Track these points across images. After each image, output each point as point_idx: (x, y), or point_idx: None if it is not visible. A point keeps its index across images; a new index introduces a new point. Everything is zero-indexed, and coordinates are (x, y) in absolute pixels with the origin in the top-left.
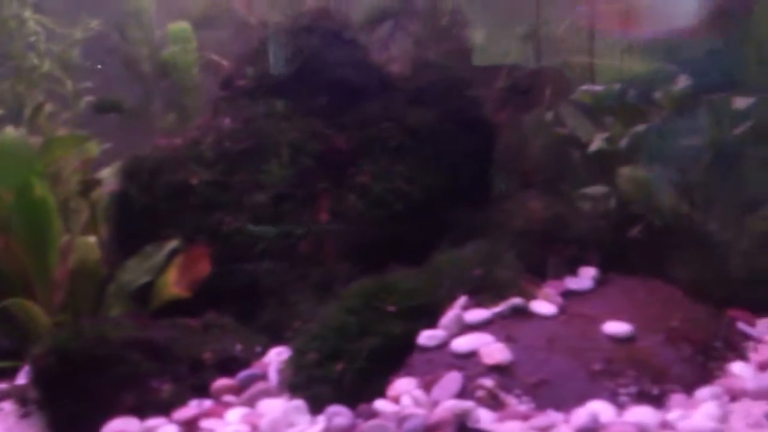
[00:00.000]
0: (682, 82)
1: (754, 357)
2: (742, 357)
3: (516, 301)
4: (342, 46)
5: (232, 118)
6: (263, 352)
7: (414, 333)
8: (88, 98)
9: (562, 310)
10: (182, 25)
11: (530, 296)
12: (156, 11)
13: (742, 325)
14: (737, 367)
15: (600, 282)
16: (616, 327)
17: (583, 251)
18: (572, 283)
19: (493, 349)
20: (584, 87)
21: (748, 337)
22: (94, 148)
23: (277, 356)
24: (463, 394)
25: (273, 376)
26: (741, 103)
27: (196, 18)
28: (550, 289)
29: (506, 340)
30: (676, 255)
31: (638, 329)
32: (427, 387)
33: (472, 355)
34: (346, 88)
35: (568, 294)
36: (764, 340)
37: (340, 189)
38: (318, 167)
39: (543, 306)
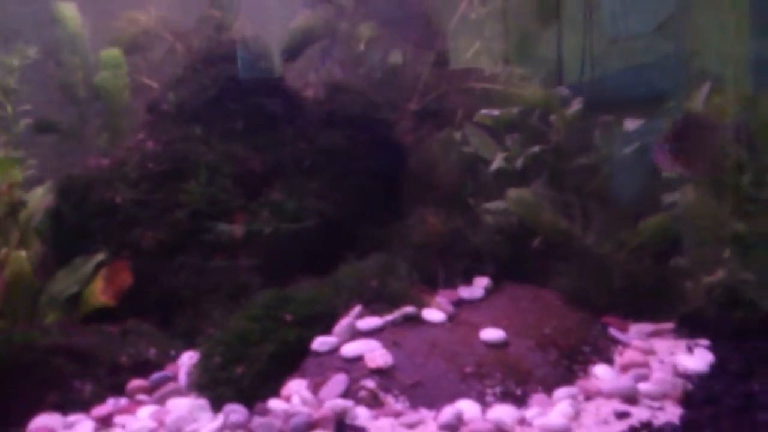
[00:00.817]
0: (575, 105)
1: (619, 360)
2: (608, 360)
3: (408, 309)
4: (258, 74)
5: (155, 141)
6: (176, 356)
7: (309, 339)
8: (27, 120)
9: (451, 317)
10: (113, 51)
11: (423, 305)
12: (91, 38)
13: (613, 331)
14: (600, 370)
15: (491, 291)
16: (491, 333)
17: (477, 263)
18: (465, 292)
19: (376, 354)
20: (484, 111)
21: (617, 341)
22: (17, 174)
23: (188, 360)
24: (347, 394)
25: (183, 378)
26: (630, 125)
27: (127, 43)
28: (442, 298)
29: (392, 346)
30: (560, 267)
31: (513, 335)
32: (315, 388)
33: (358, 360)
34: (262, 112)
35: (460, 302)
36: (631, 344)
37: (254, 206)
38: (233, 186)
39: (433, 314)
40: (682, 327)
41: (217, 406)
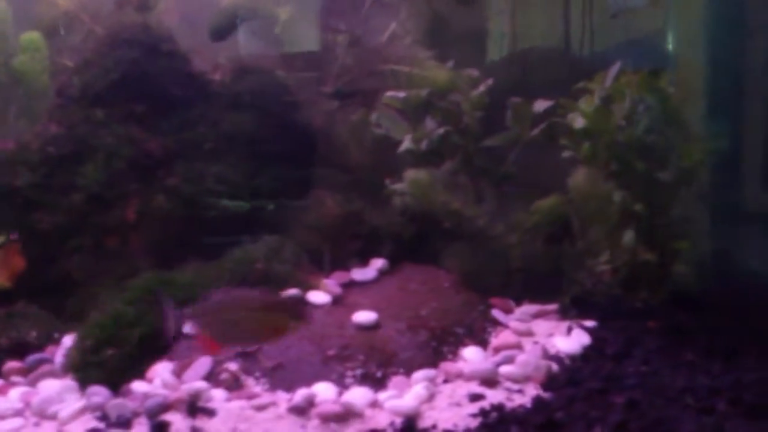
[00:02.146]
0: (483, 86)
1: (494, 341)
2: (482, 342)
3: (292, 292)
4: (161, 58)
5: (58, 125)
6: (60, 339)
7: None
8: None
9: (337, 300)
10: (32, 35)
11: (309, 287)
12: (13, 21)
13: (496, 313)
14: (469, 352)
15: (386, 273)
16: (362, 316)
17: (376, 244)
18: (358, 274)
19: None
20: (390, 93)
21: (497, 323)
22: None
23: (70, 342)
24: (210, 376)
25: (59, 360)
26: (540, 106)
27: (47, 26)
28: (332, 280)
29: None
30: (452, 248)
31: (387, 317)
32: (180, 370)
33: None
34: (165, 96)
35: (351, 284)
36: (510, 325)
37: (150, 190)
38: (130, 170)
39: (318, 296)
40: (572, 308)
41: (84, 387)
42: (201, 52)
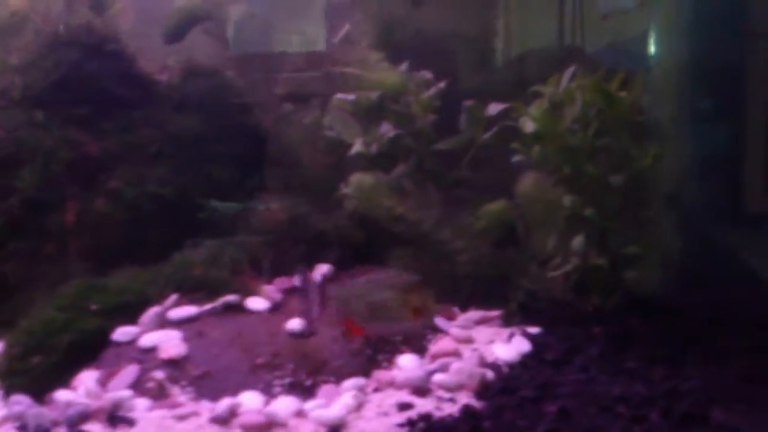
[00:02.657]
0: (434, 89)
1: (432, 349)
2: (420, 349)
3: (230, 298)
4: (104, 59)
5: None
6: None
7: (112, 329)
8: None
9: (276, 306)
10: None
11: (248, 293)
12: None
13: (438, 319)
14: (405, 360)
15: (331, 278)
16: (295, 323)
17: (321, 249)
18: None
19: (170, 345)
20: (339, 95)
21: (438, 330)
22: None
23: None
24: (137, 385)
25: None
26: (493, 109)
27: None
28: (273, 286)
29: (196, 336)
30: (398, 253)
31: (323, 324)
32: (106, 379)
33: (153, 350)
34: (108, 97)
35: (293, 290)
36: (450, 333)
37: (90, 194)
38: (68, 174)
39: (257, 302)
40: (518, 314)
41: (9, 396)
42: (149, 53)
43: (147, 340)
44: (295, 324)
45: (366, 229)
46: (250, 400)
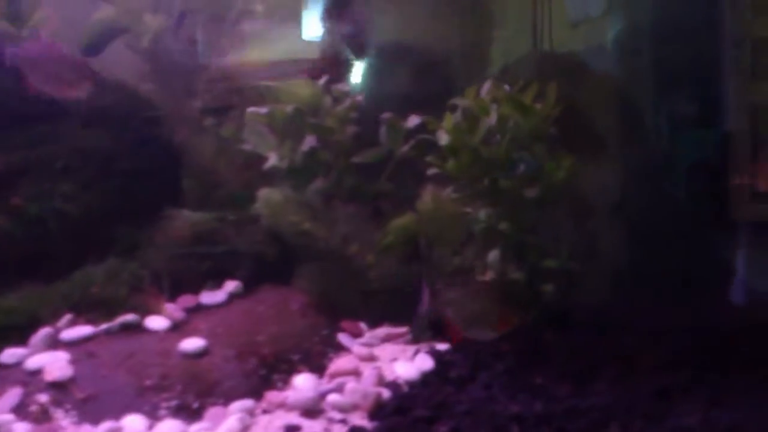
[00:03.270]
0: (348, 102)
1: (332, 367)
2: (319, 368)
3: (128, 317)
4: (6, 72)
5: None
6: None
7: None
8: None
9: (177, 325)
10: None
11: (149, 312)
12: None
13: (342, 336)
14: (300, 380)
15: (239, 296)
16: (189, 343)
17: (233, 265)
18: (207, 297)
19: (55, 367)
20: (251, 108)
21: (342, 347)
22: None
23: None
24: (19, 408)
25: None
26: (412, 122)
27: None
28: (175, 305)
29: (86, 357)
30: (304, 270)
31: (219, 344)
32: None
33: (38, 372)
34: (11, 112)
35: (198, 308)
36: (353, 350)
37: None
38: None
39: (157, 322)
40: (428, 330)
41: None
42: None
43: (34, 362)
44: (188, 344)
45: (280, 246)
46: (132, 424)
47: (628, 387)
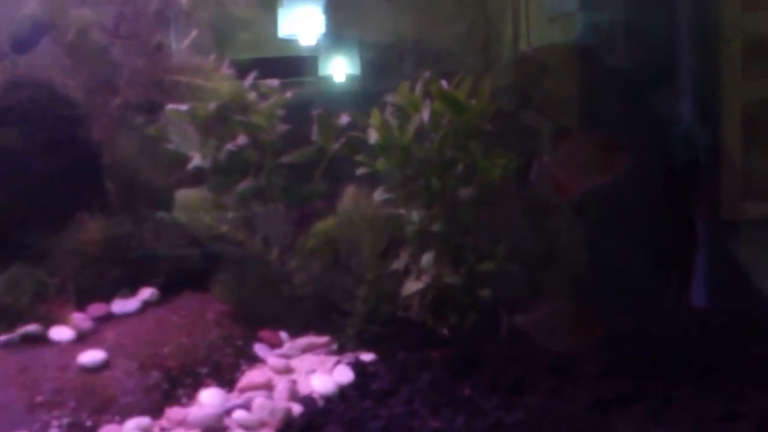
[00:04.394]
0: (274, 98)
1: (243, 381)
2: (229, 382)
3: (30, 328)
4: None
5: None
6: None
7: None
8: None
9: (83, 336)
10: None
11: (54, 322)
12: None
13: (259, 347)
14: (206, 395)
15: (155, 303)
16: (89, 356)
17: (150, 271)
18: (118, 306)
19: None
20: (170, 106)
21: (257, 359)
22: None
23: None
24: None
25: None
26: (343, 120)
27: None
28: (84, 314)
29: None
30: (223, 275)
31: (121, 356)
32: None
33: None
34: None
35: (108, 318)
36: (268, 362)
37: None
38: None
39: (62, 332)
40: (353, 340)
41: None
42: None
43: None
44: (87, 357)
45: (202, 251)
46: None
47: (564, 399)
